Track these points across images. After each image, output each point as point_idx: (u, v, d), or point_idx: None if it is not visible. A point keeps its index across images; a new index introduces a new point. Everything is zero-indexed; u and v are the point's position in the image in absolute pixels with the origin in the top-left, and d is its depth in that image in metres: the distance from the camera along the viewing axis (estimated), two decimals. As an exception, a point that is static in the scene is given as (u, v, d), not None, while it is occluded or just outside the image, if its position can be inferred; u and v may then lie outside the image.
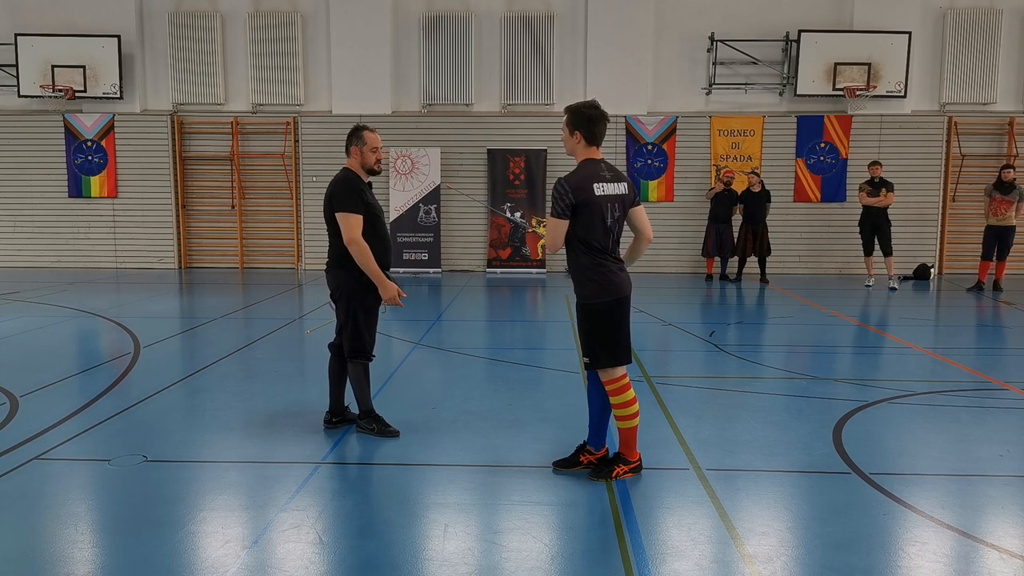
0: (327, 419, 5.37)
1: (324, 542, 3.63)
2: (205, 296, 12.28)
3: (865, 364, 7.79)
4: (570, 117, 4.27)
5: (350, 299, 5.05)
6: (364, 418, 5.25)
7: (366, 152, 5.04)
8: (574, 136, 4.27)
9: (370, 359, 5.19)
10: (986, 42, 14.66)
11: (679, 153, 14.97)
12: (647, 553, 3.54)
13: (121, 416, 5.60)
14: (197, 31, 15.00)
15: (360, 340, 5.10)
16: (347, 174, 5.04)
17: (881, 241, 12.77)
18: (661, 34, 14.85)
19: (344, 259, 5.00)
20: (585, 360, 4.35)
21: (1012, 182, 12.42)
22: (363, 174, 5.10)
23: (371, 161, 5.08)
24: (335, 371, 5.32)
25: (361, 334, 5.10)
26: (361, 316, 5.08)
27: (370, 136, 5.06)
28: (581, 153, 4.30)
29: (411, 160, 14.81)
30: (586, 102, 4.30)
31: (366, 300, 5.07)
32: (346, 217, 4.89)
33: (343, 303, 5.09)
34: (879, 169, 12.83)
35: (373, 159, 5.08)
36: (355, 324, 5.08)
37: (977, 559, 3.54)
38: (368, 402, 5.26)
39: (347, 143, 5.10)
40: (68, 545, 3.62)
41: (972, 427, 5.47)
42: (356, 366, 5.16)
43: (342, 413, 5.38)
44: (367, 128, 5.09)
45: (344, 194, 4.92)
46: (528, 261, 15.03)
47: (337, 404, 5.37)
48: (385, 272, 5.07)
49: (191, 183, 15.58)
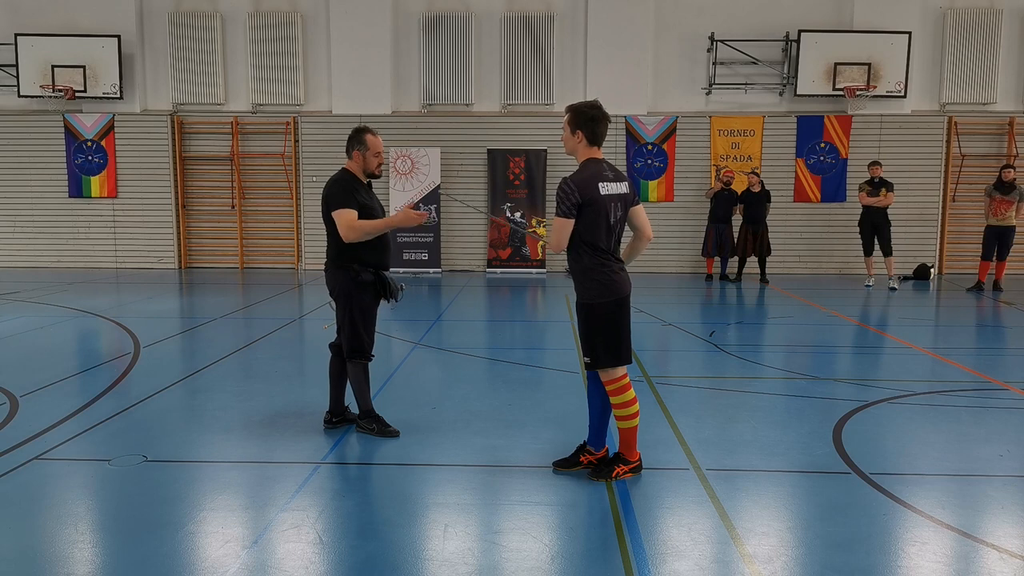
0: (327, 419, 5.36)
1: (324, 542, 3.63)
2: (205, 296, 12.28)
3: (865, 364, 7.79)
4: (572, 116, 4.26)
5: (347, 298, 5.02)
6: (364, 418, 5.23)
7: (368, 157, 5.01)
8: (576, 136, 4.26)
9: (369, 359, 5.16)
10: (986, 42, 14.66)
11: (679, 153, 14.97)
12: (647, 553, 3.54)
13: (121, 416, 5.60)
14: (197, 31, 15.00)
15: (358, 340, 5.07)
16: (344, 174, 5.01)
17: (881, 241, 12.78)
18: (661, 34, 14.85)
19: (340, 258, 4.97)
20: (586, 360, 4.34)
21: (1012, 182, 12.42)
22: (362, 177, 5.06)
23: (372, 166, 5.04)
24: (335, 371, 5.31)
25: (359, 334, 5.06)
26: (358, 316, 5.04)
27: (373, 140, 5.01)
28: (583, 153, 4.30)
29: (411, 160, 14.81)
30: (588, 102, 4.29)
31: (363, 299, 5.03)
32: (339, 214, 4.84)
33: (340, 302, 5.06)
34: (879, 169, 12.83)
35: (375, 164, 5.04)
36: (352, 324, 5.04)
37: (977, 559, 3.54)
38: (368, 402, 5.24)
39: (349, 145, 5.04)
40: (68, 545, 3.62)
41: (972, 427, 5.47)
42: (355, 366, 5.14)
43: (342, 413, 5.37)
44: (370, 131, 5.03)
45: (339, 194, 4.88)
46: (528, 261, 15.03)
47: (337, 404, 5.35)
48: (383, 271, 5.06)
49: (191, 183, 15.58)
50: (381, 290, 5.10)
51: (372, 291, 5.06)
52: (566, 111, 4.31)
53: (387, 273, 5.13)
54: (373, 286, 5.06)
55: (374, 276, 5.05)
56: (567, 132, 4.29)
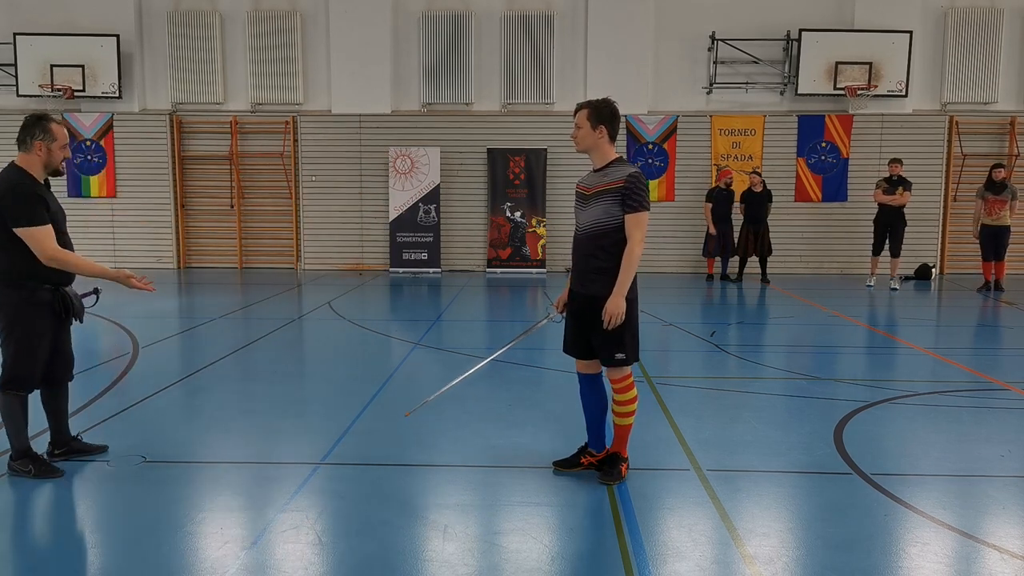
0: (49, 451, 4.60)
1: (323, 543, 3.62)
2: (204, 296, 12.27)
3: (866, 364, 7.78)
4: (594, 112, 4.19)
5: (13, 320, 4.20)
6: (19, 459, 4.36)
7: (55, 150, 4.23)
8: (598, 130, 4.20)
9: (27, 390, 4.34)
10: (987, 41, 14.64)
11: (680, 152, 14.96)
12: (647, 554, 3.52)
13: (120, 416, 5.59)
14: (196, 30, 14.98)
15: (20, 367, 4.24)
16: (20, 177, 4.15)
17: (892, 242, 12.59)
18: (661, 33, 14.83)
19: (11, 274, 4.16)
20: (620, 356, 4.20)
21: (1003, 181, 12.34)
22: (41, 174, 4.26)
23: (58, 161, 4.27)
24: (44, 399, 4.58)
25: (21, 361, 4.23)
26: (23, 341, 4.21)
27: (59, 130, 4.24)
28: (604, 149, 4.24)
29: (411, 160, 14.80)
30: (605, 98, 4.25)
31: (35, 322, 4.24)
32: (30, 232, 4.07)
33: (2, 324, 4.22)
34: (899, 167, 12.51)
35: (60, 158, 4.27)
36: (16, 348, 4.21)
37: (978, 560, 3.53)
38: (24, 440, 4.37)
39: (27, 134, 4.19)
40: (68, 546, 3.61)
41: (973, 427, 5.46)
42: (9, 398, 4.27)
43: (66, 444, 4.65)
44: (54, 120, 4.26)
45: (23, 207, 4.06)
46: (528, 261, 15.01)
47: (58, 434, 4.63)
48: (63, 288, 4.37)
49: (190, 183, 15.56)
50: (62, 310, 4.36)
51: (50, 311, 4.30)
52: (582, 107, 4.23)
53: (69, 289, 4.43)
54: (51, 306, 4.30)
55: (52, 295, 4.31)
56: (586, 128, 4.20)
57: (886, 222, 12.61)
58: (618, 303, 4.08)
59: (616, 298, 4.08)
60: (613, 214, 4.15)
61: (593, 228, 4.20)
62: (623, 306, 4.09)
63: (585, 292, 4.29)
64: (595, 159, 4.28)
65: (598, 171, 4.26)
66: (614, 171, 4.19)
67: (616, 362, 4.23)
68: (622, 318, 4.10)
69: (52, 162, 4.26)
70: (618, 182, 4.13)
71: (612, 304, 4.08)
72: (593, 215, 4.20)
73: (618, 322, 4.09)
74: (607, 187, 4.16)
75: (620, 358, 4.22)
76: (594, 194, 4.21)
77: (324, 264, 15.40)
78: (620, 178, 4.13)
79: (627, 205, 4.11)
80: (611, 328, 4.11)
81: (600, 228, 4.18)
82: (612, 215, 4.15)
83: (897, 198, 12.39)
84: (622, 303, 4.09)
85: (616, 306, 4.07)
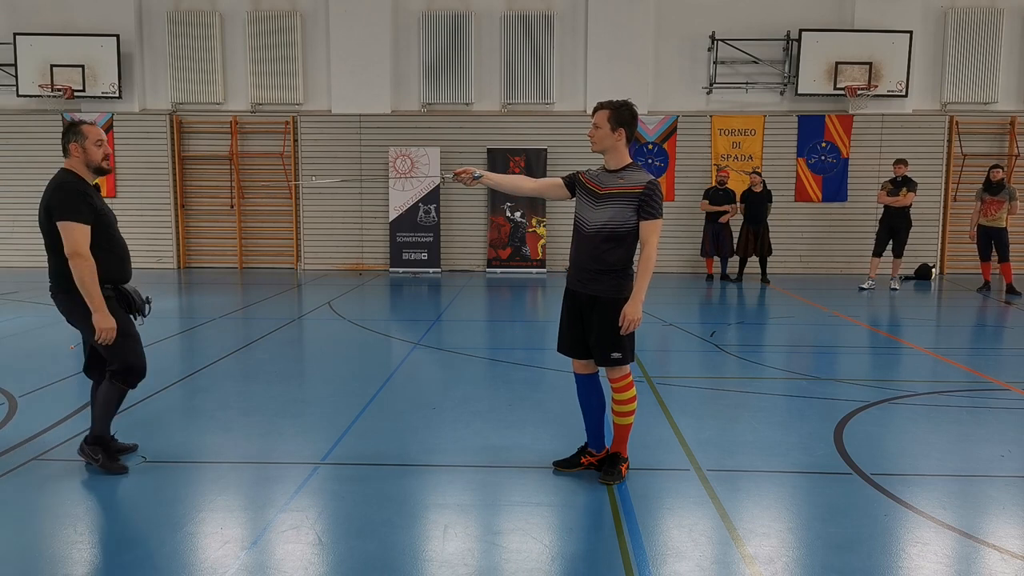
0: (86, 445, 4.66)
1: (323, 543, 3.62)
2: (204, 296, 12.27)
3: (866, 364, 7.77)
4: (614, 114, 4.16)
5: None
6: (92, 444, 4.53)
7: (89, 147, 4.31)
8: (616, 133, 4.18)
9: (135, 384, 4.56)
10: (987, 41, 14.64)
11: (680, 152, 14.96)
12: (647, 554, 3.52)
13: (120, 416, 5.57)
14: (196, 30, 14.99)
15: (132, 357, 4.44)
16: (66, 176, 4.28)
17: (895, 243, 12.52)
18: (661, 33, 14.83)
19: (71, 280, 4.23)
20: (616, 356, 4.23)
21: (1000, 182, 12.31)
22: (88, 175, 4.36)
23: (98, 157, 4.34)
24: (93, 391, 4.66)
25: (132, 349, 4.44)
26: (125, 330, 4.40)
27: (90, 129, 4.34)
28: (621, 151, 4.23)
29: (411, 160, 14.80)
30: (626, 101, 4.24)
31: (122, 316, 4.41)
32: (70, 227, 4.14)
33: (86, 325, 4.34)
34: (904, 168, 12.42)
35: (100, 155, 4.34)
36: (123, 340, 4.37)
37: (978, 560, 3.53)
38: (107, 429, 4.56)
39: (63, 143, 4.34)
40: (67, 546, 3.61)
41: (973, 427, 5.45)
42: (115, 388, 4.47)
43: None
44: (84, 122, 4.40)
45: (66, 200, 4.17)
46: (528, 261, 15.01)
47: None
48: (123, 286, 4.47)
49: (190, 183, 15.56)
50: (125, 307, 4.48)
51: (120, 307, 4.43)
52: (603, 107, 4.21)
53: (129, 287, 4.53)
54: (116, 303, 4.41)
55: (114, 292, 4.40)
56: (605, 129, 4.17)
57: (891, 224, 12.53)
58: (637, 309, 4.15)
59: (635, 304, 4.15)
60: (627, 217, 4.16)
61: (604, 229, 4.20)
62: (641, 312, 4.17)
63: (585, 291, 4.30)
64: (610, 160, 4.27)
65: (612, 172, 4.25)
66: (632, 175, 4.19)
67: (613, 362, 4.26)
68: (640, 323, 4.19)
69: (92, 159, 4.34)
70: (637, 187, 4.14)
71: (631, 310, 4.14)
72: (606, 216, 4.20)
73: (636, 327, 4.18)
74: (624, 191, 4.16)
75: (616, 357, 4.24)
76: (608, 195, 4.20)
77: (324, 264, 15.40)
78: (639, 184, 4.15)
79: (645, 212, 4.14)
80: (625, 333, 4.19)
81: (611, 230, 4.18)
82: (626, 218, 4.16)
83: (900, 199, 12.34)
84: (641, 309, 4.17)
85: (635, 312, 4.14)
